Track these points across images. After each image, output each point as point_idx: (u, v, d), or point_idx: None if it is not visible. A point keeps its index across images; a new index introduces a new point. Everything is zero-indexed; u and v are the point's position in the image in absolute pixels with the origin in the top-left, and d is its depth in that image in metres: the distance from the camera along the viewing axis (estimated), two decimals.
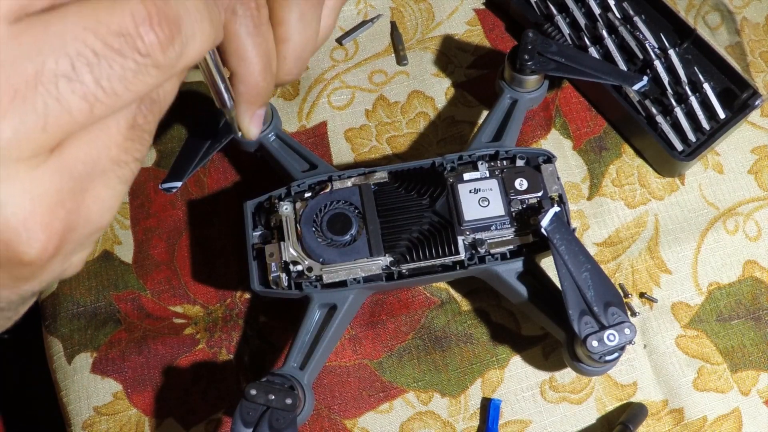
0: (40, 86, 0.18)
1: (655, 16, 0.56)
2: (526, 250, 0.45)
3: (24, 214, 0.18)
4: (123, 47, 0.18)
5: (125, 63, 0.19)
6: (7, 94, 0.17)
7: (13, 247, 0.19)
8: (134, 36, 0.19)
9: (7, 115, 0.17)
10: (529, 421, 0.48)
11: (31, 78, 0.17)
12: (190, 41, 0.20)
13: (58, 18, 0.18)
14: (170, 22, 0.19)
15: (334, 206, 0.46)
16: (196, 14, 0.21)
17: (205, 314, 0.51)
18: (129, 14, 0.19)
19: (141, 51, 0.19)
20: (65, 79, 0.18)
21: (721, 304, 0.51)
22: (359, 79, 0.57)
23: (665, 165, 0.53)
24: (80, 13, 0.18)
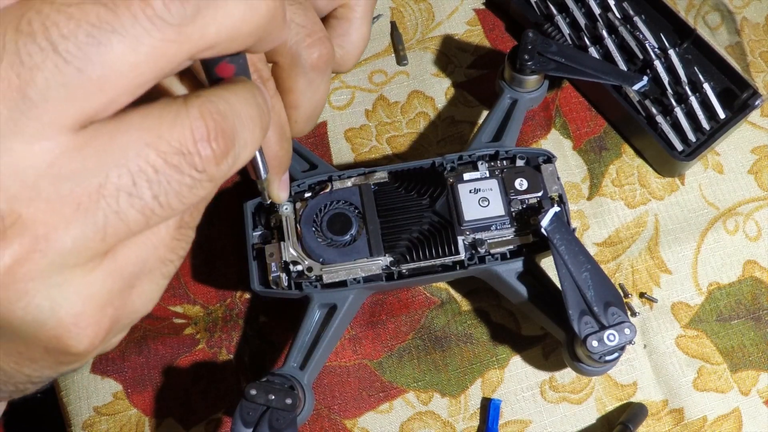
0: (101, 200, 0.18)
1: (655, 16, 0.56)
2: (526, 250, 0.45)
3: (76, 313, 0.20)
4: (181, 164, 0.19)
5: (182, 179, 0.19)
6: (71, 206, 0.18)
7: (64, 341, 0.20)
8: (193, 153, 0.19)
9: (70, 226, 0.18)
10: (529, 421, 0.48)
11: (94, 191, 0.18)
12: (242, 151, 0.21)
13: (121, 131, 0.19)
14: (226, 137, 0.20)
15: (334, 206, 0.46)
16: (250, 123, 0.21)
17: (205, 314, 0.51)
18: (189, 130, 0.19)
19: (197, 167, 0.19)
20: (126, 194, 0.19)
21: (721, 304, 0.51)
22: (359, 79, 0.57)
23: (665, 165, 0.53)
24: (142, 127, 0.19)
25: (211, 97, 0.20)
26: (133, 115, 0.19)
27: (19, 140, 0.17)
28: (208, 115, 0.20)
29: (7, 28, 0.17)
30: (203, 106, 0.20)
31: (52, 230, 0.18)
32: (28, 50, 0.17)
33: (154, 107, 0.19)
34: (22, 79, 0.17)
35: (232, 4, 0.20)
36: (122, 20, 0.18)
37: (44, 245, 0.18)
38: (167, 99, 0.20)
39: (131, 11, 0.18)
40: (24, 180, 0.18)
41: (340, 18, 0.46)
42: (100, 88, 0.18)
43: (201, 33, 0.19)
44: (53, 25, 0.17)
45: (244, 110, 0.21)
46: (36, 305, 0.19)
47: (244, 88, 0.22)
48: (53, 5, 0.17)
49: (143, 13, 0.18)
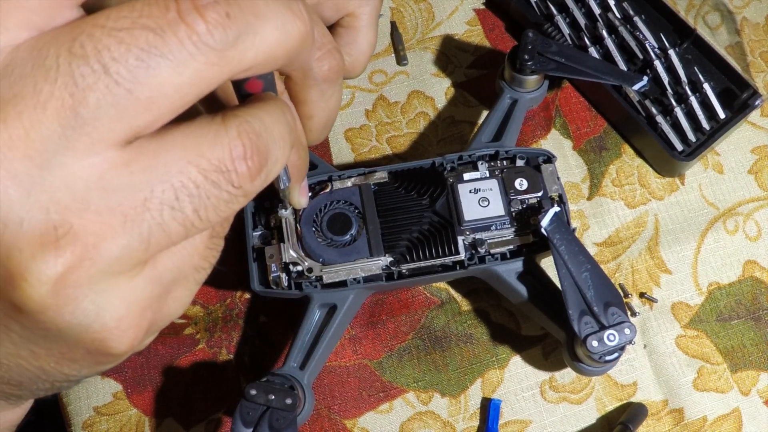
0: (147, 213, 0.20)
1: (655, 16, 0.56)
2: (526, 250, 0.45)
3: (119, 317, 0.21)
4: (220, 180, 0.21)
5: (220, 194, 0.21)
6: (119, 218, 0.19)
7: (106, 343, 0.21)
8: (230, 170, 0.21)
9: (117, 236, 0.19)
10: (529, 421, 0.48)
11: (140, 204, 0.20)
12: (273, 167, 0.22)
13: (165, 148, 0.20)
14: (261, 155, 0.21)
15: (334, 206, 0.46)
16: (280, 141, 0.23)
17: (205, 314, 0.51)
18: (227, 149, 0.21)
19: (234, 183, 0.21)
20: (169, 208, 0.20)
21: (721, 304, 0.51)
22: (359, 79, 0.57)
23: (665, 165, 0.53)
24: (185, 145, 0.20)
25: (248, 117, 0.21)
26: (176, 133, 0.20)
27: (71, 155, 0.19)
28: (245, 134, 0.21)
29: (61, 50, 0.18)
30: (240, 126, 0.21)
31: (101, 240, 0.19)
32: (81, 72, 0.18)
33: (195, 126, 0.21)
34: (75, 98, 0.18)
35: (269, 30, 0.21)
36: (170, 45, 0.19)
37: (93, 254, 0.19)
38: (207, 117, 0.21)
39: (178, 37, 0.19)
40: (76, 192, 0.19)
41: (347, 27, 0.47)
42: (147, 108, 0.19)
43: (240, 57, 0.20)
44: (105, 48, 0.18)
45: (276, 129, 0.22)
46: (83, 310, 0.20)
47: (275, 107, 0.23)
48: (104, 29, 0.19)
49: (189, 39, 0.19)
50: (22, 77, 0.18)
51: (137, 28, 0.19)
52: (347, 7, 0.45)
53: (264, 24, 0.21)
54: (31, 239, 0.19)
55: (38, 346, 0.21)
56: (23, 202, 0.18)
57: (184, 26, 0.19)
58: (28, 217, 0.18)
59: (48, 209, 0.19)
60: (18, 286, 0.19)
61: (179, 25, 0.19)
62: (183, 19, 0.19)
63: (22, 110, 0.18)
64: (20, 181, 0.18)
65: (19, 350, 0.21)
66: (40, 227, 0.19)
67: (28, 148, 0.18)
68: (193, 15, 0.19)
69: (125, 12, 0.19)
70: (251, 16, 0.20)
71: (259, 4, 0.21)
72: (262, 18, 0.21)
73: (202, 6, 0.19)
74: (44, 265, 0.19)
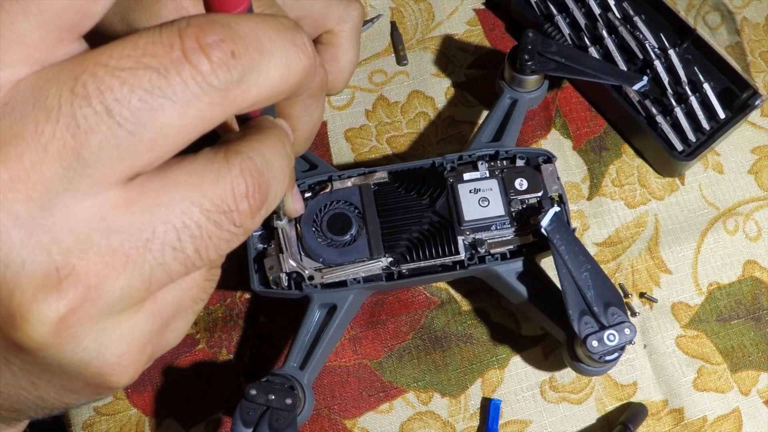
0: (148, 253, 0.20)
1: (655, 16, 0.56)
2: (526, 250, 0.45)
3: (120, 353, 0.21)
4: (222, 221, 0.20)
5: (222, 234, 0.21)
6: (120, 258, 0.19)
7: (107, 378, 0.21)
8: (233, 210, 0.21)
9: (119, 277, 0.19)
10: (529, 421, 0.48)
11: (142, 245, 0.19)
12: (273, 201, 0.22)
13: (167, 187, 0.20)
14: (262, 192, 0.21)
15: (334, 206, 0.46)
16: (281, 176, 0.22)
17: (205, 314, 0.51)
18: (230, 188, 0.20)
19: (236, 222, 0.21)
20: (171, 248, 0.20)
21: (721, 304, 0.51)
22: (359, 78, 0.57)
23: (665, 165, 0.53)
24: (188, 185, 0.20)
25: (250, 153, 0.21)
26: (179, 170, 0.20)
27: (72, 196, 0.18)
28: (247, 172, 0.21)
29: (63, 90, 0.18)
30: (243, 164, 0.21)
31: (102, 281, 0.19)
32: (83, 113, 0.18)
33: (198, 163, 0.20)
34: (77, 140, 0.18)
35: (273, 67, 0.21)
36: (173, 86, 0.18)
37: (95, 295, 0.19)
38: (209, 153, 0.21)
39: (182, 77, 0.19)
40: (78, 233, 0.19)
41: (326, 44, 0.47)
42: (149, 149, 0.19)
43: (244, 96, 0.20)
44: (108, 89, 0.18)
45: (277, 164, 0.22)
46: (84, 347, 0.20)
47: (276, 139, 0.23)
48: (107, 69, 0.18)
49: (193, 80, 0.19)
50: (23, 117, 0.18)
51: (140, 68, 0.18)
52: (327, 24, 0.45)
53: (268, 61, 0.20)
54: (33, 280, 0.18)
55: (39, 378, 0.21)
56: (25, 244, 0.18)
57: (189, 66, 0.19)
58: (30, 258, 0.18)
59: (50, 250, 0.18)
60: (19, 327, 0.19)
61: (183, 65, 0.19)
62: (187, 59, 0.19)
63: (23, 151, 0.18)
64: (22, 223, 0.18)
65: (19, 381, 0.21)
66: (42, 269, 0.18)
67: (30, 190, 0.18)
68: (198, 54, 0.19)
69: (128, 50, 0.19)
70: (256, 53, 0.20)
71: (263, 41, 0.20)
72: (267, 55, 0.20)
73: (207, 45, 0.19)
74: (46, 307, 0.19)
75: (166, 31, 0.19)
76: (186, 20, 0.19)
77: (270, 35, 0.21)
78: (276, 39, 0.21)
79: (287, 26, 0.22)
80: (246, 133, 0.23)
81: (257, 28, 0.20)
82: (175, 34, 0.19)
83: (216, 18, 0.20)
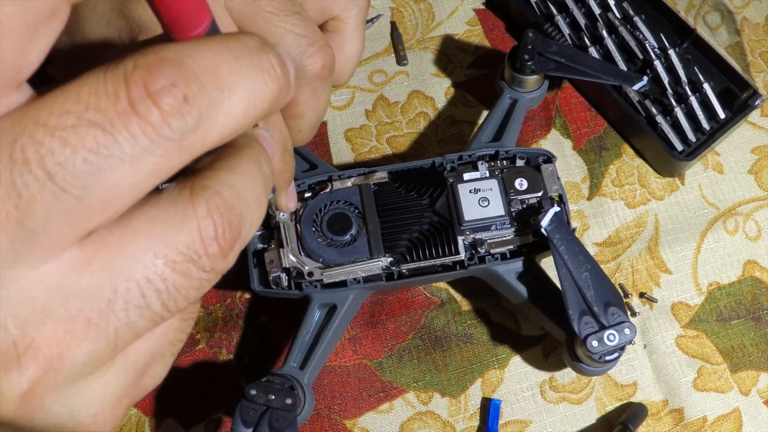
0: (111, 315, 0.18)
1: (655, 16, 0.56)
2: (526, 250, 0.45)
3: (94, 413, 0.20)
4: (190, 270, 0.19)
5: (190, 283, 0.19)
6: (81, 324, 0.18)
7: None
8: (201, 255, 0.19)
9: (82, 343, 0.18)
10: (529, 421, 0.48)
11: (103, 307, 0.18)
12: (248, 234, 0.20)
13: (127, 239, 0.18)
14: (233, 229, 0.19)
15: (334, 206, 0.46)
16: (257, 204, 0.21)
17: (205, 314, 0.51)
18: (197, 231, 0.19)
19: (206, 268, 0.19)
20: (135, 307, 0.18)
21: (721, 304, 0.51)
22: (359, 79, 0.57)
23: (665, 165, 0.53)
24: (149, 234, 0.18)
25: (218, 187, 0.19)
26: (139, 219, 0.19)
27: (24, 267, 0.17)
28: (215, 210, 0.19)
29: (0, 156, 0.17)
30: (211, 201, 0.19)
31: (65, 349, 0.18)
32: (24, 180, 0.16)
33: (161, 207, 0.19)
34: (21, 210, 0.17)
35: (235, 101, 0.19)
36: (121, 143, 0.17)
37: (58, 364, 0.18)
38: (173, 193, 0.19)
39: (130, 131, 0.17)
40: (34, 304, 0.18)
41: (332, 31, 0.46)
42: (101, 210, 0.18)
43: (203, 140, 0.18)
44: (48, 152, 0.16)
45: (250, 192, 0.20)
46: (54, 414, 0.19)
47: (249, 161, 0.21)
48: (47, 129, 0.17)
49: (143, 133, 0.17)
50: None
51: (83, 125, 0.17)
52: (332, 10, 0.44)
53: (229, 96, 0.19)
54: None
55: None
56: None
57: (137, 118, 0.17)
58: None
59: (6, 325, 0.17)
60: None
61: (131, 117, 0.17)
62: (135, 110, 0.17)
63: None
64: None
65: None
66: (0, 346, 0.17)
67: None
68: (146, 104, 0.17)
69: (70, 104, 0.17)
70: (214, 91, 0.18)
71: (222, 74, 0.18)
72: (227, 90, 0.18)
73: (156, 92, 0.17)
74: (8, 384, 0.18)
75: (111, 77, 0.17)
76: (133, 61, 0.17)
77: (230, 65, 0.19)
78: (238, 68, 0.19)
79: (251, 48, 0.19)
80: (216, 159, 0.21)
81: (215, 59, 0.18)
82: (121, 81, 0.17)
83: (166, 55, 0.18)
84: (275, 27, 0.31)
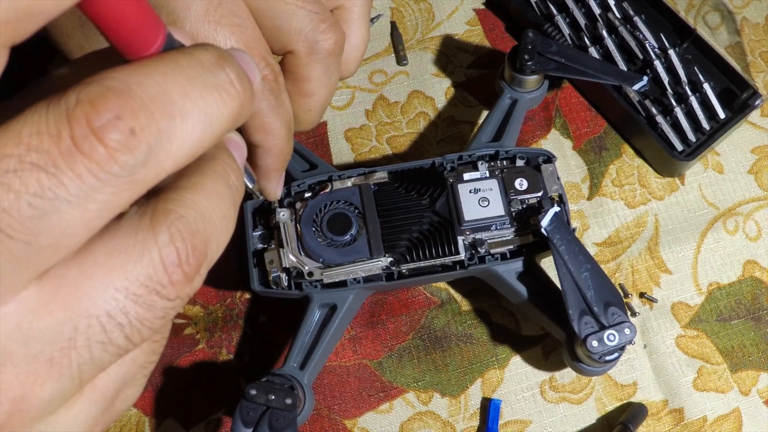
0: (73, 352, 0.18)
1: (655, 16, 0.56)
2: (526, 250, 0.45)
3: None
4: (153, 301, 0.18)
5: (155, 314, 0.18)
6: (43, 364, 0.18)
7: None
8: (164, 284, 0.18)
9: (45, 382, 0.18)
10: (529, 421, 0.48)
11: (65, 346, 0.18)
12: (214, 255, 0.20)
13: (86, 275, 0.18)
14: (198, 254, 0.19)
15: (334, 206, 0.46)
16: (223, 223, 0.20)
17: (205, 314, 0.51)
18: (158, 261, 0.18)
19: (170, 297, 0.18)
20: (98, 343, 0.18)
21: (721, 304, 0.51)
22: (359, 79, 0.57)
23: (665, 165, 0.53)
24: (109, 267, 0.18)
25: (181, 210, 0.18)
26: (98, 252, 0.18)
27: None
28: (177, 236, 0.18)
29: None
30: (173, 226, 0.18)
31: (28, 390, 0.18)
32: None
33: (120, 238, 0.18)
34: None
35: (189, 127, 0.18)
36: (66, 185, 0.16)
37: (22, 405, 0.18)
38: (133, 221, 0.18)
39: (75, 172, 0.16)
40: None
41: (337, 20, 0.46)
42: (53, 251, 0.17)
43: (156, 172, 0.17)
44: None
45: (216, 211, 0.19)
46: None
47: (215, 177, 0.20)
48: None
49: (89, 173, 0.16)
50: None
51: (25, 169, 0.16)
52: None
53: (181, 123, 0.17)
54: None
55: None
56: None
57: (81, 157, 0.16)
58: None
59: None
60: None
61: (75, 156, 0.16)
62: (79, 149, 0.16)
63: None
64: None
65: None
66: None
67: None
68: (90, 141, 0.16)
69: (10, 146, 0.16)
70: (164, 120, 0.17)
71: (173, 99, 0.17)
72: (179, 116, 0.17)
73: (100, 128, 0.16)
74: None
75: (52, 114, 0.16)
76: (75, 95, 0.16)
77: (182, 87, 0.18)
78: (190, 90, 0.18)
79: (206, 65, 0.18)
80: (179, 176, 0.19)
81: (165, 83, 0.17)
82: (63, 119, 0.16)
83: (112, 84, 0.17)
84: (286, 4, 0.31)
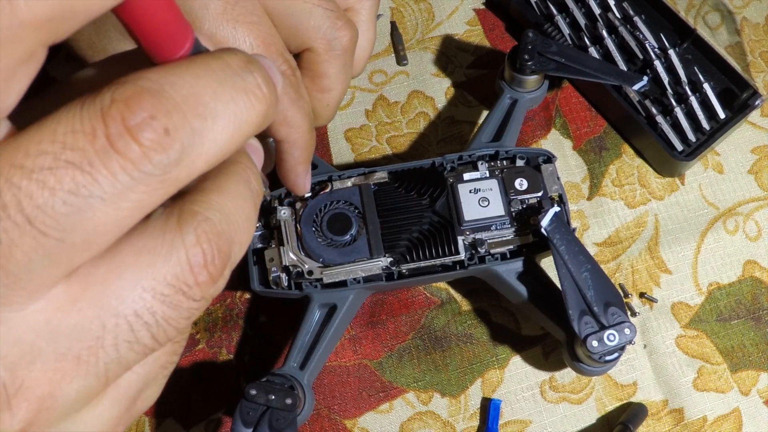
0: (100, 351, 0.18)
1: (655, 16, 0.56)
2: (526, 250, 0.45)
3: None
4: (180, 301, 0.19)
5: (181, 314, 0.19)
6: (71, 362, 0.18)
7: None
8: (190, 285, 0.18)
9: (72, 380, 0.18)
10: (529, 421, 0.48)
11: (93, 344, 0.18)
12: (237, 257, 0.20)
13: (114, 274, 0.18)
14: (223, 254, 0.19)
15: (334, 206, 0.46)
16: (246, 224, 0.20)
17: (205, 314, 0.51)
18: (185, 261, 0.18)
19: (195, 297, 0.19)
20: (125, 342, 0.18)
21: (721, 304, 0.51)
22: (359, 79, 0.57)
23: (665, 165, 0.53)
24: (137, 267, 0.18)
25: (207, 213, 0.19)
26: (126, 251, 0.18)
27: (9, 310, 0.17)
28: (204, 237, 0.19)
29: None
30: (199, 228, 0.19)
31: (55, 387, 0.18)
32: (2, 226, 0.16)
33: (148, 238, 0.18)
34: (1, 256, 0.16)
35: (219, 129, 0.18)
36: (100, 183, 0.16)
37: (50, 403, 0.18)
38: (160, 222, 0.19)
39: (110, 170, 0.16)
40: (22, 345, 0.17)
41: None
42: (85, 249, 0.17)
43: (188, 172, 0.18)
44: (26, 196, 0.16)
45: (240, 213, 0.20)
46: None
47: (239, 179, 0.20)
48: (23, 171, 0.16)
49: (123, 171, 0.16)
50: None
51: (61, 166, 0.16)
52: (347, 0, 0.45)
53: (212, 125, 0.18)
54: None
55: None
56: None
57: (116, 156, 0.16)
58: None
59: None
60: None
61: (109, 155, 0.16)
62: (114, 147, 0.16)
63: None
64: None
65: None
66: None
67: None
68: (125, 140, 0.16)
69: (46, 143, 0.16)
70: (196, 120, 0.17)
71: (205, 100, 0.18)
72: (210, 117, 0.18)
73: (135, 126, 0.16)
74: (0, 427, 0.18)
75: (87, 112, 0.16)
76: (110, 94, 0.17)
77: (213, 89, 0.18)
78: (221, 92, 0.18)
79: (235, 68, 0.19)
80: (204, 178, 0.20)
81: (197, 84, 0.18)
82: (98, 117, 0.16)
83: (145, 84, 0.17)
84: (304, 3, 0.32)
